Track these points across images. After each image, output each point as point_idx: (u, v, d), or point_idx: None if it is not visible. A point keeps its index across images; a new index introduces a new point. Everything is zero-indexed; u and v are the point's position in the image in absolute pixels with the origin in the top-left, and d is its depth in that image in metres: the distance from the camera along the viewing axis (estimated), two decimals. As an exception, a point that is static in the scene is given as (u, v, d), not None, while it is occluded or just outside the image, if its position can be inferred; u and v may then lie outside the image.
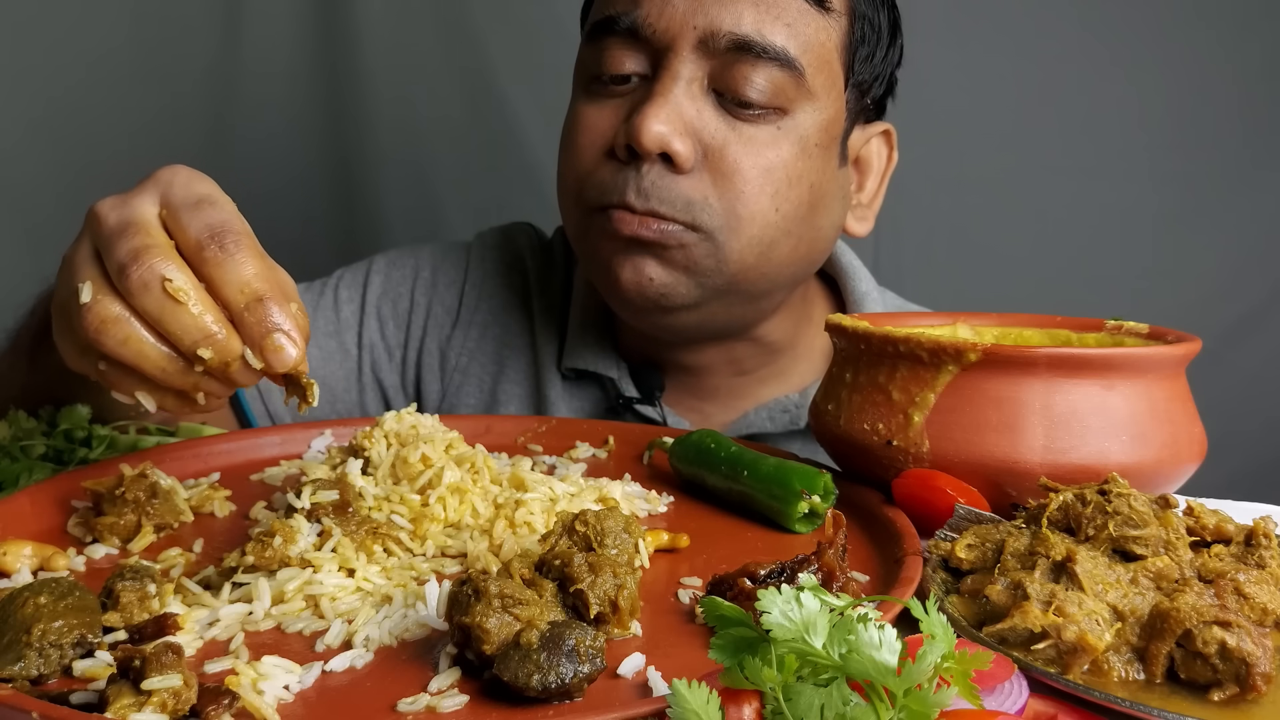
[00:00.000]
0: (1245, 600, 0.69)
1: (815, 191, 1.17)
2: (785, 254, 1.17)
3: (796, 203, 1.15)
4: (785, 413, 1.32)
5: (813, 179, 1.16)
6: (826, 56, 1.14)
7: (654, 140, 1.09)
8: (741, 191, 1.12)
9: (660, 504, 0.94)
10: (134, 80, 2.06)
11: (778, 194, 1.13)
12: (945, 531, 0.80)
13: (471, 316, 1.41)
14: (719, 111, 1.12)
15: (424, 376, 1.41)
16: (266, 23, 2.11)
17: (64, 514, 0.86)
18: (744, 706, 0.53)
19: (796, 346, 1.34)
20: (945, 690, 0.51)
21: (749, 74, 1.10)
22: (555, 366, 1.36)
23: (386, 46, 2.16)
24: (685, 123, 1.11)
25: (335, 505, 0.78)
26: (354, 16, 2.15)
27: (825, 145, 1.17)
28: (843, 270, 1.38)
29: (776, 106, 1.12)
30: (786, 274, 1.21)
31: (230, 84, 2.12)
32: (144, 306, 0.70)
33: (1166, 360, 0.88)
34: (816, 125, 1.15)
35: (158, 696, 0.54)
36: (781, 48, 1.10)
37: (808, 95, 1.13)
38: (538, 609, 0.62)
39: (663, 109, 1.09)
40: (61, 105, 2.04)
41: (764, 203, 1.13)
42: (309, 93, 2.17)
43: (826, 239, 1.23)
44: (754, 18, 1.10)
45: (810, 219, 1.17)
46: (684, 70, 1.11)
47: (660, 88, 1.11)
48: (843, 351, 0.97)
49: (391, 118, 2.19)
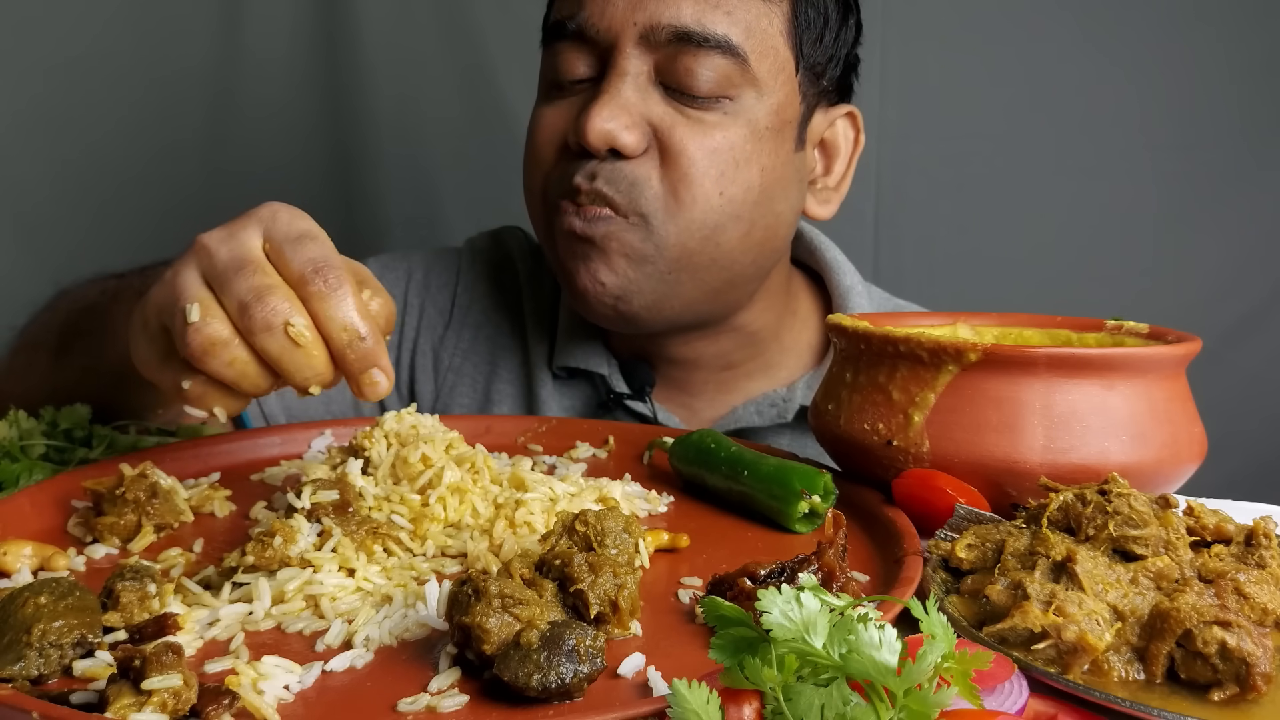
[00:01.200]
0: (1245, 600, 0.69)
1: (767, 175, 1.17)
2: (736, 239, 1.18)
3: (745, 186, 1.16)
4: (773, 407, 1.33)
5: (764, 162, 1.17)
6: (771, 41, 1.15)
7: (599, 136, 1.11)
8: (686, 173, 1.13)
9: (660, 504, 0.94)
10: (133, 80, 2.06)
11: (723, 176, 1.14)
12: (945, 531, 0.80)
13: (464, 318, 1.43)
14: (666, 101, 1.14)
15: (418, 377, 1.42)
16: (266, 22, 2.11)
17: (64, 514, 0.86)
18: (744, 706, 0.53)
19: (782, 339, 1.36)
20: (945, 690, 0.51)
21: (692, 65, 1.12)
22: (546, 366, 1.38)
23: (386, 46, 2.16)
24: (633, 114, 1.13)
25: (335, 505, 0.78)
26: (354, 16, 2.15)
27: (777, 129, 1.17)
28: (827, 265, 1.39)
29: (722, 94, 1.13)
30: (745, 260, 1.21)
31: (229, 83, 2.12)
32: (264, 346, 0.75)
33: (1166, 360, 0.88)
34: (766, 109, 1.16)
35: (158, 696, 0.54)
36: (723, 35, 1.11)
37: (753, 81, 1.14)
38: (538, 609, 0.62)
39: (607, 105, 1.12)
40: (60, 104, 2.04)
41: (708, 185, 1.14)
42: (308, 92, 2.17)
43: (785, 223, 1.24)
44: (693, 9, 1.11)
45: (763, 203, 1.18)
46: (629, 66, 1.13)
47: (606, 85, 1.14)
48: (843, 351, 0.97)
49: (391, 117, 2.19)
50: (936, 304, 1.48)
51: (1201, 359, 0.91)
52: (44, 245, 2.02)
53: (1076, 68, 2.27)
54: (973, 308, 1.13)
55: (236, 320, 0.75)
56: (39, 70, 2.01)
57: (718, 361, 1.34)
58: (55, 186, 2.05)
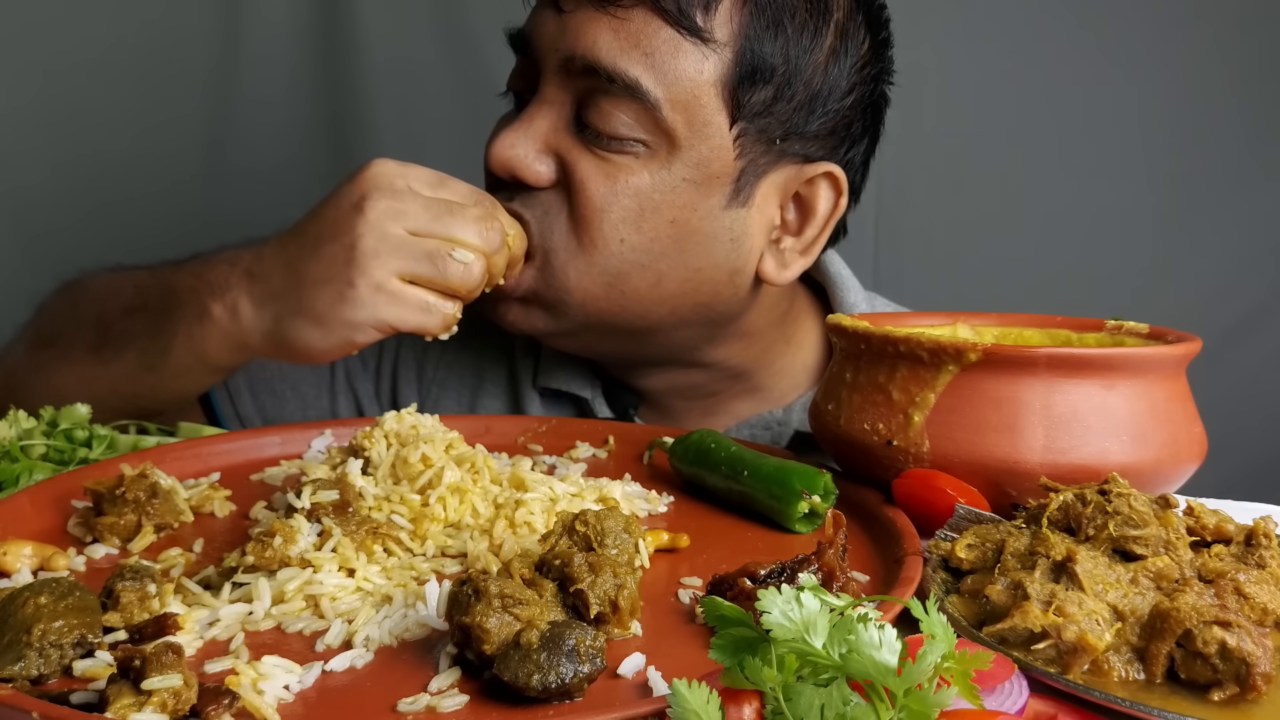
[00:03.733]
0: (1245, 600, 0.69)
1: (680, 227, 1.10)
2: (644, 288, 1.12)
3: (651, 235, 1.10)
4: (766, 429, 1.29)
5: (676, 214, 1.10)
6: (696, 92, 1.07)
7: (500, 165, 1.10)
8: (585, 215, 1.09)
9: (660, 504, 0.94)
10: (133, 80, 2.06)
11: (624, 221, 1.09)
12: (945, 531, 0.80)
13: None
14: (577, 136, 1.09)
15: (400, 388, 1.40)
16: (266, 23, 2.11)
17: (64, 514, 0.86)
18: (744, 706, 0.53)
19: (771, 365, 1.30)
20: (945, 690, 0.51)
21: (602, 103, 1.07)
22: (532, 384, 1.35)
23: (386, 47, 2.16)
24: (539, 144, 1.10)
25: (335, 505, 0.78)
26: (354, 17, 2.15)
27: (700, 182, 1.10)
28: (831, 280, 1.34)
29: (634, 139, 1.08)
30: (660, 310, 1.15)
31: (229, 83, 2.11)
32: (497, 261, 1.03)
33: (1166, 360, 0.88)
34: (684, 161, 1.09)
35: (158, 696, 0.54)
36: (634, 79, 1.05)
37: (668, 130, 1.07)
38: (538, 609, 0.62)
39: (514, 133, 1.10)
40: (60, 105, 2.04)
41: (606, 229, 1.09)
42: (308, 92, 2.17)
43: (712, 280, 1.15)
44: (610, 45, 1.05)
45: (673, 255, 1.11)
46: (549, 93, 1.10)
47: (526, 110, 1.11)
48: (843, 351, 0.97)
49: (391, 117, 2.19)
50: (936, 304, 1.48)
51: (1201, 359, 0.91)
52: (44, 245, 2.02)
53: (1077, 68, 2.27)
54: (973, 308, 1.13)
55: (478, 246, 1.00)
56: (39, 70, 2.01)
57: (694, 391, 1.30)
58: (55, 186, 2.05)
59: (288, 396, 1.37)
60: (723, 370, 1.27)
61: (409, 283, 0.99)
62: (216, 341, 1.06)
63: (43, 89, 2.02)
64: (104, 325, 1.17)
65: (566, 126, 1.10)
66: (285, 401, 1.37)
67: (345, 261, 0.97)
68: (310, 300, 0.99)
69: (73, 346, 1.19)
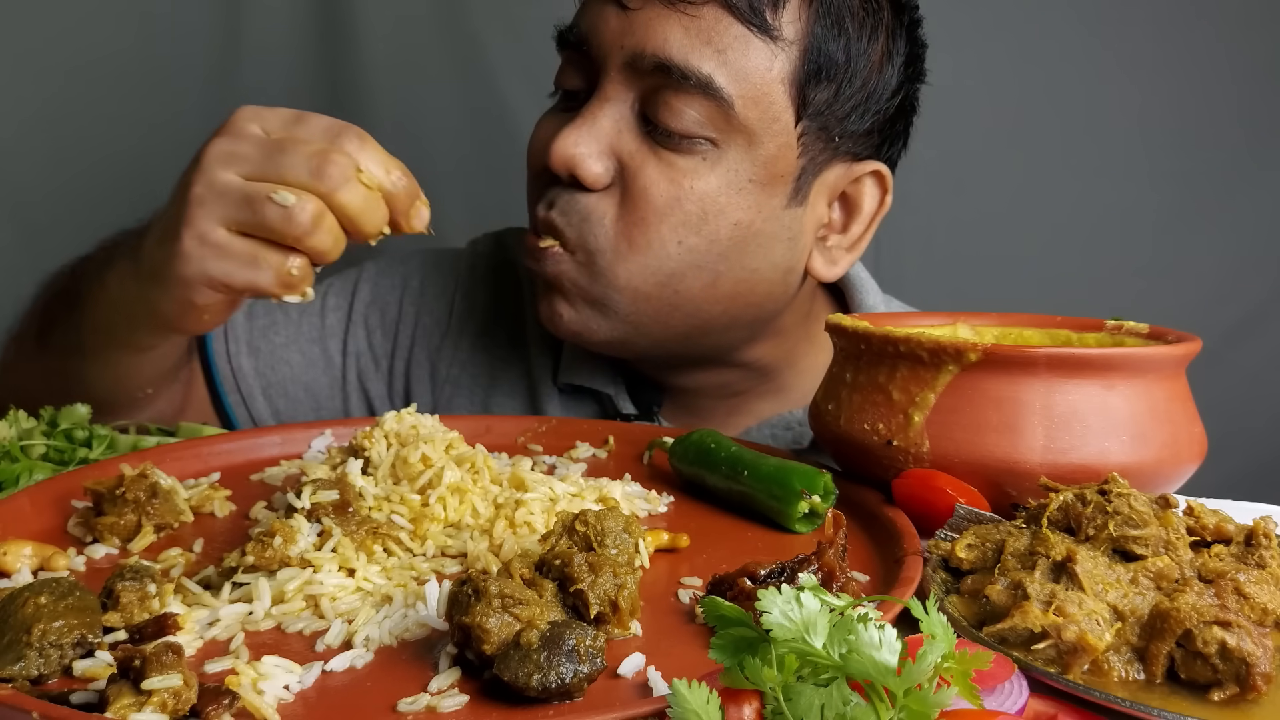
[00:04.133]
0: (1245, 600, 0.69)
1: (743, 229, 1.10)
2: (699, 288, 1.12)
3: (711, 238, 1.09)
4: (788, 430, 1.29)
5: (740, 216, 1.10)
6: (766, 89, 1.07)
7: (561, 161, 1.08)
8: (643, 217, 1.08)
9: (660, 504, 0.94)
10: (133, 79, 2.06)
11: (684, 225, 1.08)
12: (945, 531, 0.80)
13: (463, 327, 1.39)
14: (642, 135, 1.08)
15: (414, 387, 1.39)
16: (266, 22, 2.11)
17: (64, 514, 0.86)
18: (744, 706, 0.53)
19: (796, 364, 1.31)
20: (945, 690, 0.51)
21: (671, 101, 1.05)
22: (551, 380, 1.34)
23: (386, 46, 2.16)
24: (604, 144, 1.08)
25: (335, 505, 0.78)
26: (354, 16, 2.15)
27: (765, 182, 1.10)
28: (850, 283, 1.34)
29: (704, 137, 1.07)
30: (713, 310, 1.15)
31: (229, 83, 2.12)
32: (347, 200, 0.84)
33: (1166, 360, 0.88)
34: (752, 160, 1.08)
35: (158, 696, 0.54)
36: (706, 75, 1.04)
37: (740, 129, 1.07)
38: (538, 609, 0.62)
39: (577, 130, 1.08)
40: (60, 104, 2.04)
41: (664, 232, 1.08)
42: (309, 92, 2.17)
43: (766, 280, 1.15)
44: (681, 42, 1.04)
45: (732, 256, 1.11)
46: (612, 91, 1.09)
47: (586, 108, 1.10)
48: (843, 351, 0.97)
49: (391, 118, 2.19)
50: (936, 304, 1.48)
51: (1201, 359, 0.91)
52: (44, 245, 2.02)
53: (1077, 68, 2.28)
54: (973, 308, 1.13)
55: (313, 185, 0.83)
56: (39, 71, 2.01)
57: (723, 390, 1.30)
58: (55, 185, 2.05)
59: (300, 398, 1.37)
60: (754, 369, 1.28)
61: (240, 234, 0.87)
62: (109, 315, 1.03)
63: (42, 89, 2.02)
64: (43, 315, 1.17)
65: (630, 126, 1.09)
66: (298, 403, 1.37)
67: (176, 216, 0.89)
68: (150, 260, 0.93)
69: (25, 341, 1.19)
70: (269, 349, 1.34)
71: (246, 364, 1.33)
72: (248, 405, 1.35)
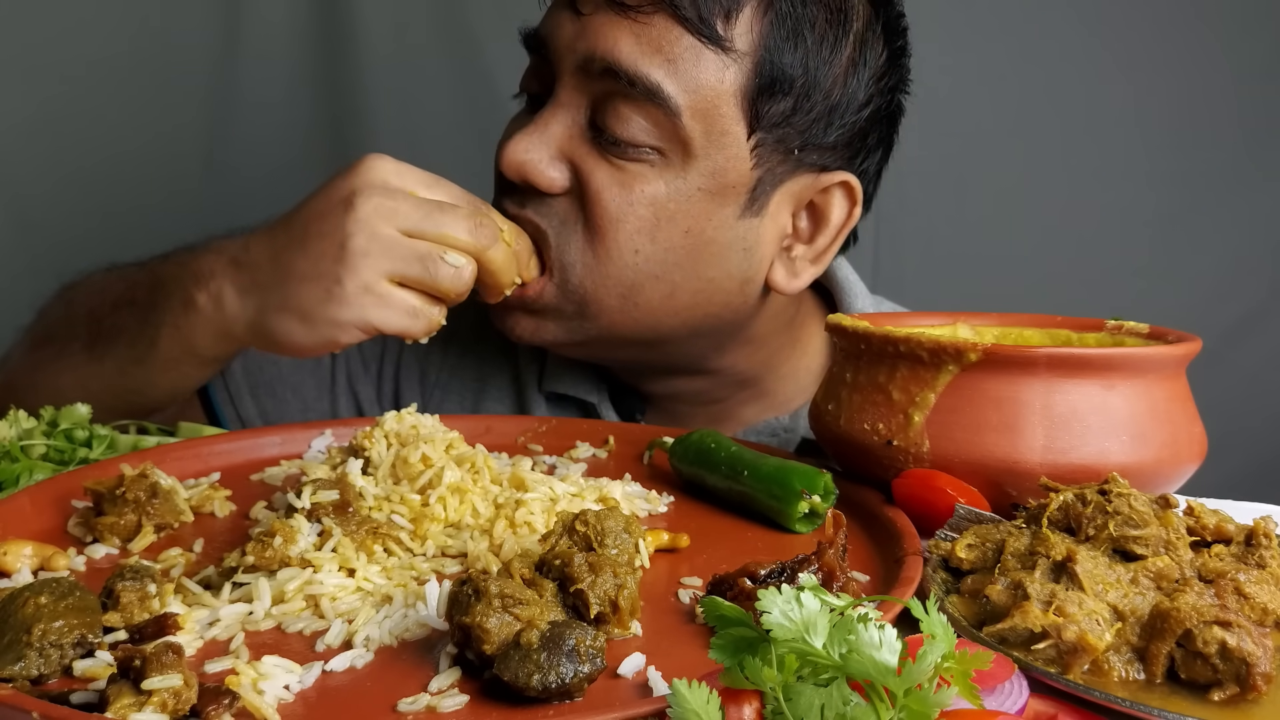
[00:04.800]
0: (1245, 600, 0.69)
1: (694, 237, 1.09)
2: (657, 300, 1.11)
3: (666, 246, 1.09)
4: (774, 436, 1.29)
5: (690, 224, 1.09)
6: (716, 101, 1.05)
7: (513, 167, 1.08)
8: (600, 225, 1.07)
9: (660, 504, 0.94)
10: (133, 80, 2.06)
11: (639, 231, 1.08)
12: (945, 531, 0.80)
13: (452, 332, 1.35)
14: (591, 142, 1.08)
15: (403, 391, 1.39)
16: (266, 21, 2.11)
17: (64, 514, 0.86)
18: (744, 706, 0.53)
19: (778, 370, 1.30)
20: (945, 690, 0.51)
21: (620, 108, 1.05)
22: (537, 388, 1.34)
23: (386, 46, 2.16)
24: (554, 149, 1.08)
25: (335, 505, 0.78)
26: (354, 17, 2.15)
27: (715, 191, 1.09)
28: (838, 285, 1.33)
29: (650, 145, 1.06)
30: (672, 322, 1.14)
31: (229, 83, 2.11)
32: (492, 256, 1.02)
33: (1166, 360, 0.88)
34: (699, 171, 1.07)
35: (158, 696, 0.54)
36: (655, 83, 1.03)
37: (685, 139, 1.06)
38: (538, 609, 0.62)
39: (529, 136, 1.08)
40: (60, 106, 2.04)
41: (621, 240, 1.08)
42: (308, 92, 2.17)
43: (724, 290, 1.14)
44: (631, 48, 1.04)
45: (686, 266, 1.11)
46: (565, 96, 1.09)
47: (540, 114, 1.10)
48: (843, 351, 0.97)
49: (391, 118, 2.19)
50: (936, 304, 1.47)
51: (1201, 359, 0.91)
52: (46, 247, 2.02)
53: (1077, 68, 2.27)
54: (973, 308, 1.13)
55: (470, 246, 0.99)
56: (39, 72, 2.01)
57: (701, 397, 1.29)
58: (56, 189, 2.05)
59: (288, 399, 1.37)
60: (729, 376, 1.27)
61: (397, 284, 0.99)
62: (202, 331, 1.06)
63: (43, 92, 2.02)
64: (94, 321, 1.17)
65: (581, 132, 1.09)
66: (285, 404, 1.37)
67: (334, 259, 0.97)
68: (296, 295, 0.99)
69: (68, 345, 1.19)
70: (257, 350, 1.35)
71: (235, 364, 1.34)
72: (235, 404, 1.35)
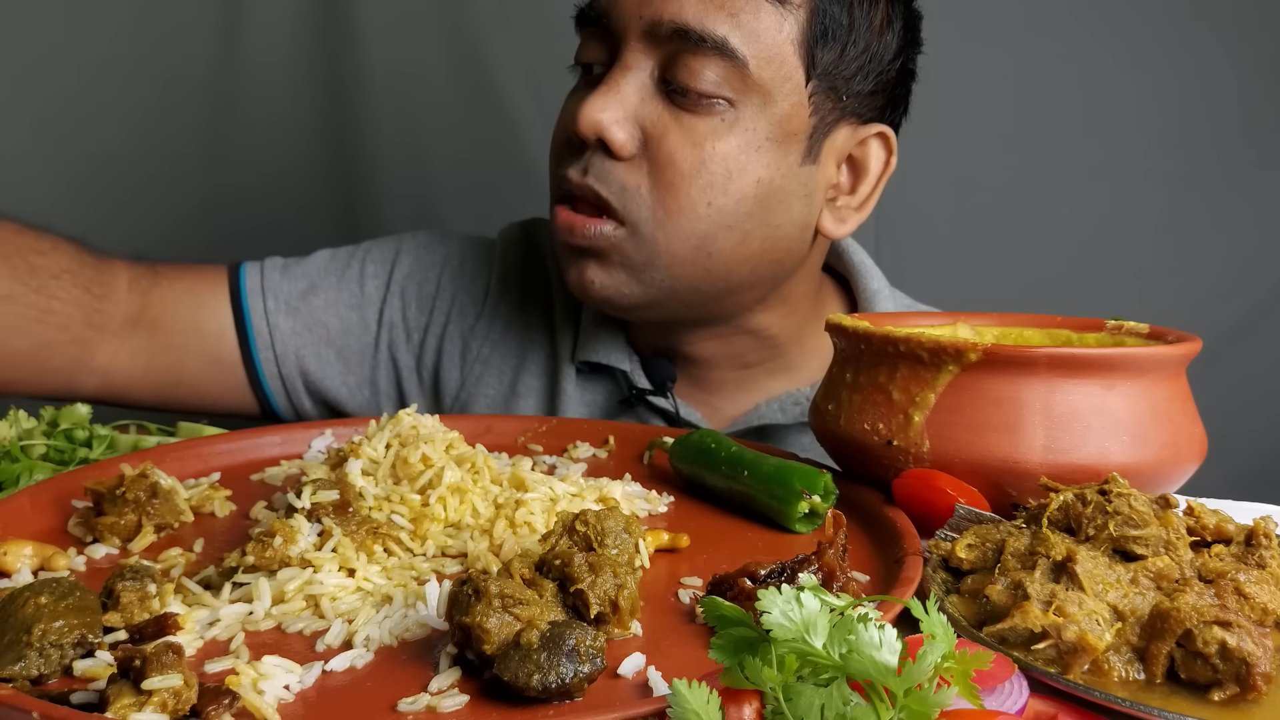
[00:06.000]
0: (1245, 600, 0.69)
1: (764, 186, 1.15)
2: (729, 248, 1.17)
3: (738, 197, 1.14)
4: (796, 405, 1.33)
5: (761, 173, 1.15)
6: (778, 50, 1.12)
7: (588, 126, 1.12)
8: (672, 182, 1.13)
9: (660, 504, 0.94)
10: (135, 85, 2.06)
11: (712, 186, 1.13)
12: (945, 531, 0.80)
13: (496, 309, 1.43)
14: (664, 101, 1.13)
15: (443, 364, 1.42)
16: (266, 21, 2.11)
17: (64, 514, 0.86)
18: (744, 706, 0.53)
19: (804, 343, 1.35)
20: (945, 690, 0.51)
21: (690, 63, 1.11)
22: (570, 360, 1.38)
23: (386, 46, 2.16)
24: (627, 110, 1.13)
25: (335, 505, 0.78)
26: (354, 16, 2.15)
27: (780, 140, 1.15)
28: (855, 269, 1.39)
29: (721, 97, 1.12)
30: (742, 270, 1.19)
31: (229, 83, 2.12)
32: None
33: (1167, 360, 0.88)
34: (768, 119, 1.14)
35: (158, 696, 0.54)
36: (722, 37, 1.10)
37: (755, 88, 1.12)
38: (538, 609, 0.62)
39: (602, 97, 1.12)
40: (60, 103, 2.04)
41: (694, 194, 1.13)
42: (308, 92, 2.17)
43: (788, 236, 1.21)
44: (696, 7, 1.10)
45: (757, 214, 1.16)
46: (632, 59, 1.13)
47: (608, 76, 1.14)
48: (843, 351, 0.97)
49: (391, 117, 2.19)
50: (936, 304, 1.48)
51: (1201, 359, 0.91)
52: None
53: (1077, 68, 2.27)
54: (973, 308, 1.13)
55: None
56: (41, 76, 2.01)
57: (734, 361, 1.34)
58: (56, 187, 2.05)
59: (331, 360, 1.40)
60: (764, 338, 1.32)
61: None
62: None
63: (43, 91, 2.02)
64: None
65: (651, 93, 1.14)
66: (328, 365, 1.40)
67: None
68: None
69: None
70: (308, 310, 1.38)
71: (284, 322, 1.37)
72: (279, 363, 1.38)
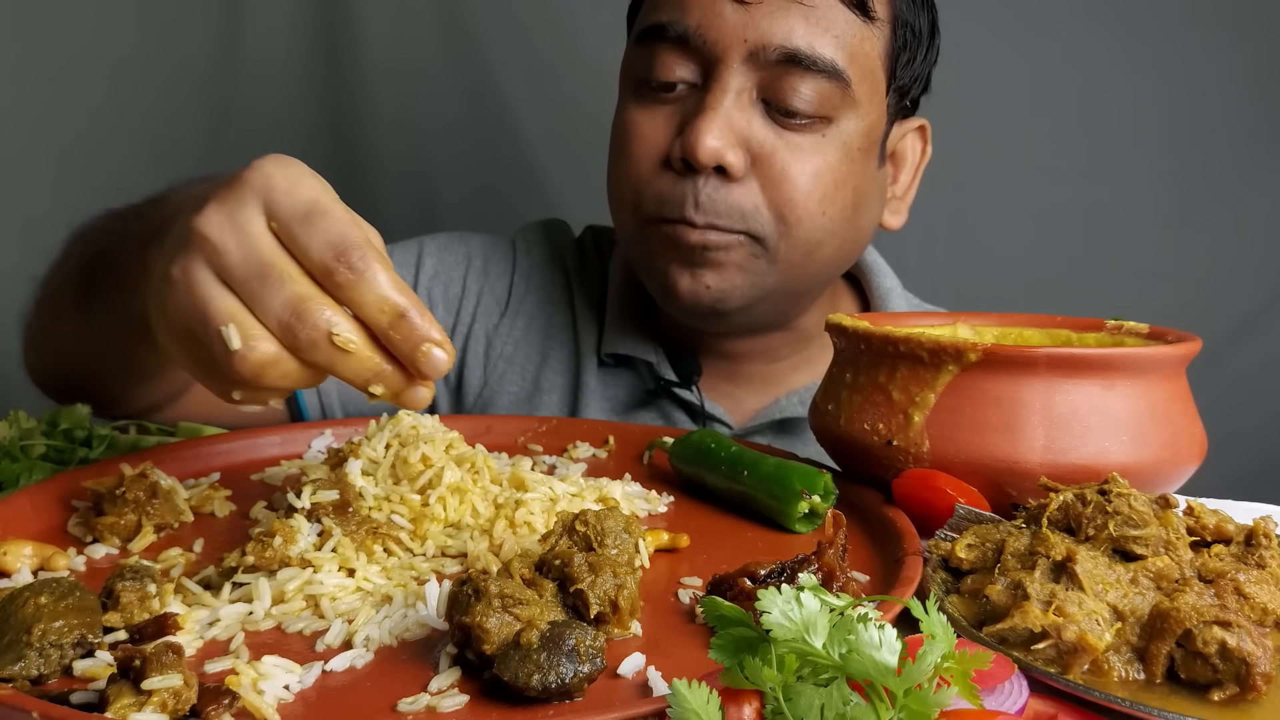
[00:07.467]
0: (1245, 600, 0.69)
1: (858, 193, 1.21)
2: (830, 253, 1.22)
3: (842, 205, 1.19)
4: None
5: (855, 182, 1.20)
6: (870, 65, 1.17)
7: (709, 155, 1.12)
8: (791, 198, 1.16)
9: (660, 504, 0.94)
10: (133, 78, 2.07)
11: (825, 198, 1.17)
12: (945, 531, 0.80)
13: (519, 306, 1.44)
14: (766, 120, 1.16)
15: (468, 363, 1.43)
16: (267, 21, 2.12)
17: (64, 514, 0.86)
18: (744, 706, 0.53)
19: (823, 336, 1.37)
20: (945, 690, 0.51)
21: (797, 85, 1.13)
22: (594, 354, 1.39)
23: (386, 46, 2.16)
24: (735, 133, 1.14)
25: (335, 505, 0.78)
26: (354, 16, 2.15)
27: (866, 149, 1.20)
28: (867, 267, 1.42)
29: (822, 115, 1.15)
30: (830, 272, 1.27)
31: (230, 82, 2.12)
32: (314, 360, 0.68)
33: (1166, 360, 0.88)
34: (859, 131, 1.18)
35: (158, 696, 0.54)
36: (830, 60, 1.13)
37: (852, 104, 1.16)
38: (538, 609, 0.62)
39: (714, 122, 1.13)
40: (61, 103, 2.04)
41: (812, 207, 1.16)
42: (309, 92, 2.17)
43: (866, 236, 1.28)
44: (804, 31, 1.13)
45: (853, 219, 1.22)
46: (733, 82, 1.14)
47: (711, 100, 1.14)
48: (843, 351, 0.97)
49: (391, 117, 2.19)
50: (937, 304, 1.48)
51: (1201, 359, 0.91)
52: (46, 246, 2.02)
53: (1077, 68, 2.28)
54: (973, 308, 1.14)
55: (279, 337, 0.68)
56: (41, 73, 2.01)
57: (764, 356, 1.37)
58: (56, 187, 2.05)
59: None
60: (798, 333, 1.36)
61: None
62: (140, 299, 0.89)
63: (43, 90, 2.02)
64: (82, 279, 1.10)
65: (755, 114, 1.15)
66: None
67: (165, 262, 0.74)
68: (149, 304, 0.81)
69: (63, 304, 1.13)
70: None
71: None
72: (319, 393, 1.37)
